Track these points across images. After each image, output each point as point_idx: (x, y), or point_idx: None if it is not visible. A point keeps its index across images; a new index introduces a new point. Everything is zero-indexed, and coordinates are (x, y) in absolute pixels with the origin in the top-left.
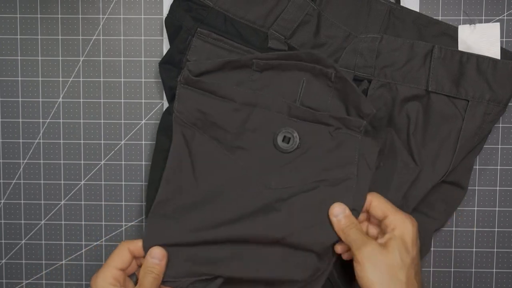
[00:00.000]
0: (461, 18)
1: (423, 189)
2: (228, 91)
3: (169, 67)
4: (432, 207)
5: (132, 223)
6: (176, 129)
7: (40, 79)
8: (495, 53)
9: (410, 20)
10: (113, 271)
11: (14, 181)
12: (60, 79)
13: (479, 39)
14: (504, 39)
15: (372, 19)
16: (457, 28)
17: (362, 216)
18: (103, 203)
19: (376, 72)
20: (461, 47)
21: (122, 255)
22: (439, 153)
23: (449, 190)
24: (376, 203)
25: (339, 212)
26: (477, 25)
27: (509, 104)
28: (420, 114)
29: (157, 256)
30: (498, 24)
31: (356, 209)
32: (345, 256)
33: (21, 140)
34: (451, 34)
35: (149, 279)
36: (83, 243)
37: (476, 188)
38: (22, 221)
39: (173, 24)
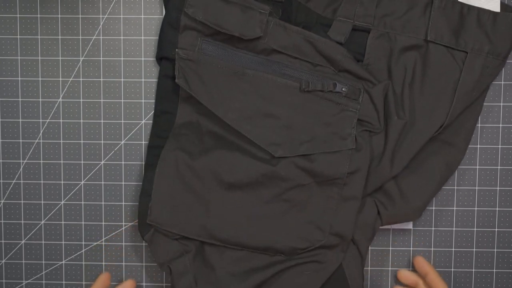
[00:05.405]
0: None
1: (418, 141)
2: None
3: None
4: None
5: (132, 223)
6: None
7: (40, 79)
8: (495, 6)
9: None
10: None
11: (14, 181)
12: (60, 79)
13: None
14: None
15: None
16: None
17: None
18: (103, 203)
19: (376, 22)
20: None
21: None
22: (436, 105)
23: (446, 150)
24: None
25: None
26: None
27: (509, 103)
28: (418, 65)
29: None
30: None
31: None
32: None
33: (21, 140)
34: None
35: None
36: (83, 243)
37: (476, 188)
38: (22, 221)
39: None
